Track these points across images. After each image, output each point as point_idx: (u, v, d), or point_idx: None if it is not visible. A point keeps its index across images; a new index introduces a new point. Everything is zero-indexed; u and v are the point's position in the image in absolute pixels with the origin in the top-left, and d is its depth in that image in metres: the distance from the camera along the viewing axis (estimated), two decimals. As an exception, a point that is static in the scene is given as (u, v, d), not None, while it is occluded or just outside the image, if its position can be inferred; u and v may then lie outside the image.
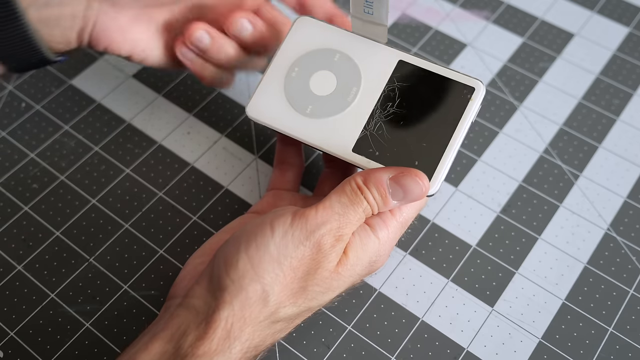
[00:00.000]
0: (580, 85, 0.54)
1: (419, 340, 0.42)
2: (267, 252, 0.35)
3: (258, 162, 0.50)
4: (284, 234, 0.35)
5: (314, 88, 0.41)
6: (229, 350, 0.34)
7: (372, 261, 0.38)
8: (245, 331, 0.35)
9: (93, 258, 0.46)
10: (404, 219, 0.39)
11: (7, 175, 0.49)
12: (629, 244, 0.46)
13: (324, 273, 0.36)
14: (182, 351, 0.34)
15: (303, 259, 0.35)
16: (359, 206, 0.36)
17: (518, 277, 0.45)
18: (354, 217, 0.36)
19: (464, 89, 0.39)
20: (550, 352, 0.42)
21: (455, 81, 0.39)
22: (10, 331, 0.43)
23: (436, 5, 0.59)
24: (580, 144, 0.51)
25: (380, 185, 0.36)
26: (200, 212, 0.47)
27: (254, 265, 0.35)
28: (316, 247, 0.35)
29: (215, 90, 0.53)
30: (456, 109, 0.39)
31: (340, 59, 0.42)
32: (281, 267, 0.35)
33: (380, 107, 0.40)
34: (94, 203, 0.48)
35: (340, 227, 0.36)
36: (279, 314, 0.36)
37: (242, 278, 0.35)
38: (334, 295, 0.38)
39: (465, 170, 0.49)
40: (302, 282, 0.36)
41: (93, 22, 0.42)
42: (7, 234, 0.46)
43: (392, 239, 0.39)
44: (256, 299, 0.35)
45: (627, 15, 0.58)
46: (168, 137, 0.51)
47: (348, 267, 0.37)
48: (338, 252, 0.36)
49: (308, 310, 0.37)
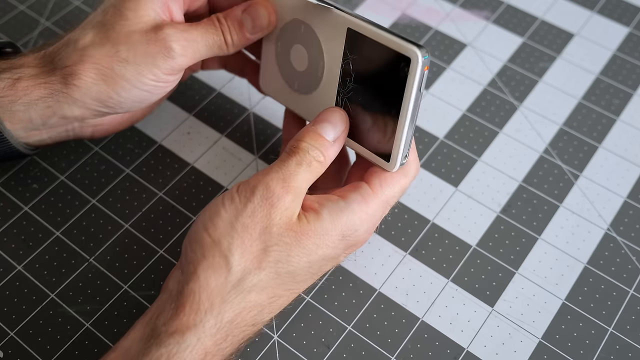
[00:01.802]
0: (580, 85, 0.54)
1: (419, 340, 0.42)
2: (220, 219, 0.36)
3: (258, 162, 0.50)
4: (232, 200, 0.36)
5: (294, 63, 0.42)
6: (201, 325, 0.34)
7: (345, 234, 0.38)
8: (215, 303, 0.35)
9: (93, 258, 0.46)
10: (385, 197, 0.40)
11: (7, 175, 0.49)
12: (629, 244, 0.46)
13: (277, 229, 0.36)
14: (156, 330, 0.34)
15: (254, 215, 0.36)
16: (294, 157, 0.37)
17: (518, 277, 0.45)
18: (296, 167, 0.37)
19: (401, 61, 0.36)
20: (550, 352, 0.42)
21: (393, 51, 0.36)
22: (10, 331, 0.43)
23: (436, 5, 0.59)
24: (580, 144, 0.51)
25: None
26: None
27: (211, 234, 0.36)
28: (264, 200, 0.36)
29: (215, 90, 0.53)
30: (398, 83, 0.36)
31: (305, 31, 0.41)
32: (235, 229, 0.36)
33: (342, 82, 0.39)
34: (94, 203, 0.48)
35: (285, 177, 0.37)
36: (246, 281, 0.36)
37: (203, 248, 0.36)
38: (302, 262, 0.37)
39: (465, 170, 0.49)
40: (261, 243, 0.36)
41: None
42: (7, 234, 0.46)
43: (372, 216, 0.39)
44: (218, 267, 0.35)
45: (627, 15, 0.58)
46: (168, 137, 0.51)
47: (309, 231, 0.37)
48: (288, 204, 0.36)
49: (278, 277, 0.37)
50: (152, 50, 0.40)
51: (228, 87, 0.54)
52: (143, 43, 0.40)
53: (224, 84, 0.54)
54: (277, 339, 0.43)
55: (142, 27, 0.41)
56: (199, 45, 0.41)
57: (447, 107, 0.53)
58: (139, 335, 0.35)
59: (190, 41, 0.41)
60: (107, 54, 0.40)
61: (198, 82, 0.54)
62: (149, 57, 0.40)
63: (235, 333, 0.36)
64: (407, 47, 0.35)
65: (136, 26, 0.41)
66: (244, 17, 0.42)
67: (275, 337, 0.43)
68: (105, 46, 0.40)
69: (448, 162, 0.50)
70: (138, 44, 0.40)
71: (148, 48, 0.40)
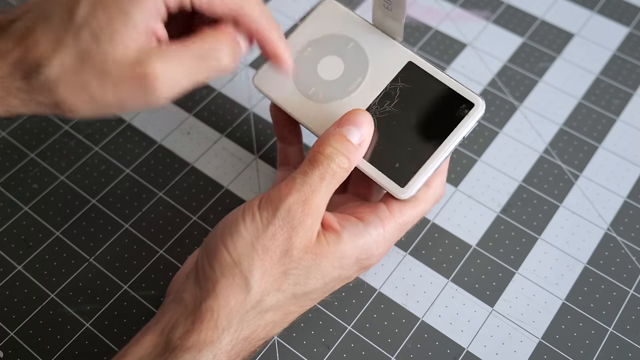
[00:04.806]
0: (580, 85, 0.54)
1: (419, 340, 0.42)
2: (240, 237, 0.35)
3: (258, 162, 0.50)
4: (253, 218, 0.35)
5: (321, 71, 0.42)
6: (218, 341, 0.34)
7: (360, 258, 0.38)
8: (233, 321, 0.35)
9: (93, 258, 0.46)
10: (403, 221, 0.39)
11: (7, 175, 0.49)
12: (629, 244, 0.46)
13: (297, 253, 0.36)
14: (171, 344, 0.34)
15: (275, 238, 0.35)
16: (317, 169, 0.36)
17: (518, 277, 0.45)
18: (318, 183, 0.36)
19: (463, 103, 0.39)
20: (550, 352, 0.42)
21: (456, 93, 0.39)
22: (10, 331, 0.43)
23: (436, 5, 0.59)
24: (580, 144, 0.51)
25: (332, 135, 0.37)
26: (200, 212, 0.47)
27: (231, 252, 0.35)
28: (285, 222, 0.35)
29: (215, 90, 0.53)
30: (450, 121, 0.39)
31: (352, 47, 0.42)
32: (255, 250, 0.35)
33: (379, 103, 0.40)
34: (94, 203, 0.48)
35: (307, 197, 0.35)
36: (265, 302, 0.36)
37: (222, 267, 0.35)
38: (318, 283, 0.37)
39: (465, 170, 0.49)
40: (281, 265, 0.35)
41: None
42: (7, 234, 0.46)
43: (388, 240, 0.39)
44: (238, 287, 0.35)
45: (627, 15, 0.58)
46: (168, 137, 0.51)
47: (328, 254, 0.36)
48: (309, 227, 0.36)
49: (294, 298, 0.37)
50: (133, 88, 0.34)
51: (228, 87, 0.54)
52: (123, 80, 0.34)
53: (224, 84, 0.54)
54: (277, 339, 0.43)
55: (122, 60, 0.34)
56: (191, 78, 0.36)
57: (447, 107, 0.53)
58: (152, 344, 0.35)
59: (178, 73, 0.35)
60: (81, 86, 0.34)
61: (198, 82, 0.54)
62: (128, 97, 0.35)
63: (248, 348, 0.36)
64: (473, 95, 0.39)
65: (116, 59, 0.34)
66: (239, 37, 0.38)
67: (275, 337, 0.43)
68: (80, 81, 0.34)
69: (448, 162, 0.50)
70: (118, 81, 0.34)
71: (129, 86, 0.34)
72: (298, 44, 0.43)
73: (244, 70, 0.55)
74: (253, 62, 0.55)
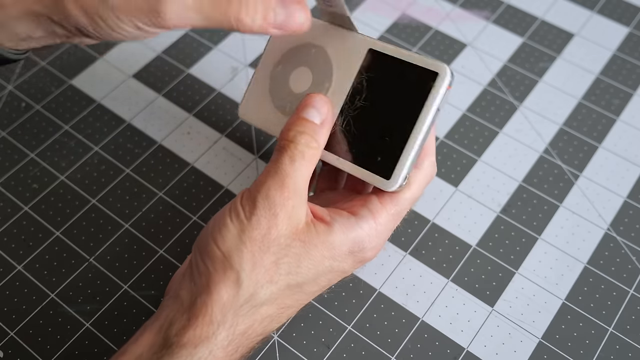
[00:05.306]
0: (580, 85, 0.54)
1: (419, 340, 0.42)
2: (228, 232, 0.36)
3: (258, 162, 0.50)
4: (237, 212, 0.36)
5: (293, 85, 0.41)
6: (214, 337, 0.34)
7: (353, 251, 0.38)
8: (228, 315, 0.35)
9: (93, 258, 0.46)
10: (395, 210, 0.39)
11: (7, 175, 0.49)
12: (629, 244, 0.46)
13: (285, 240, 0.36)
14: (169, 341, 0.34)
15: (260, 227, 0.35)
16: (286, 153, 0.37)
17: (518, 277, 0.45)
18: (290, 166, 0.36)
19: (427, 75, 0.37)
20: (550, 352, 0.42)
21: (419, 67, 0.37)
22: (10, 331, 0.43)
23: (436, 5, 0.59)
24: (580, 144, 0.51)
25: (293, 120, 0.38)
26: (200, 212, 0.47)
27: (220, 247, 0.36)
28: (266, 210, 0.36)
29: (215, 90, 0.53)
30: (419, 98, 0.37)
31: (315, 53, 0.41)
32: (243, 242, 0.35)
33: (350, 101, 0.39)
34: (94, 203, 0.48)
35: (282, 181, 0.36)
36: (259, 295, 0.36)
37: (213, 262, 0.35)
38: (310, 273, 0.37)
39: (465, 170, 0.49)
40: (271, 255, 0.36)
41: None
42: (7, 234, 0.46)
43: (381, 232, 0.39)
44: (230, 280, 0.35)
45: (627, 15, 0.58)
46: (168, 137, 0.51)
47: (318, 243, 0.37)
48: (292, 210, 0.36)
49: (288, 289, 0.37)
50: None
51: (228, 87, 0.54)
52: None
53: (224, 84, 0.54)
54: (277, 339, 0.43)
55: None
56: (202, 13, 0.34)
57: (447, 107, 0.53)
58: (150, 342, 0.35)
59: None
60: None
61: (198, 82, 0.54)
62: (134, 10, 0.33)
63: (246, 344, 0.36)
64: (436, 64, 0.37)
65: None
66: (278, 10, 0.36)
67: (275, 337, 0.43)
68: None
69: (448, 162, 0.50)
70: None
71: None
72: (269, 64, 0.42)
73: (243, 71, 0.55)
74: (253, 62, 0.55)
